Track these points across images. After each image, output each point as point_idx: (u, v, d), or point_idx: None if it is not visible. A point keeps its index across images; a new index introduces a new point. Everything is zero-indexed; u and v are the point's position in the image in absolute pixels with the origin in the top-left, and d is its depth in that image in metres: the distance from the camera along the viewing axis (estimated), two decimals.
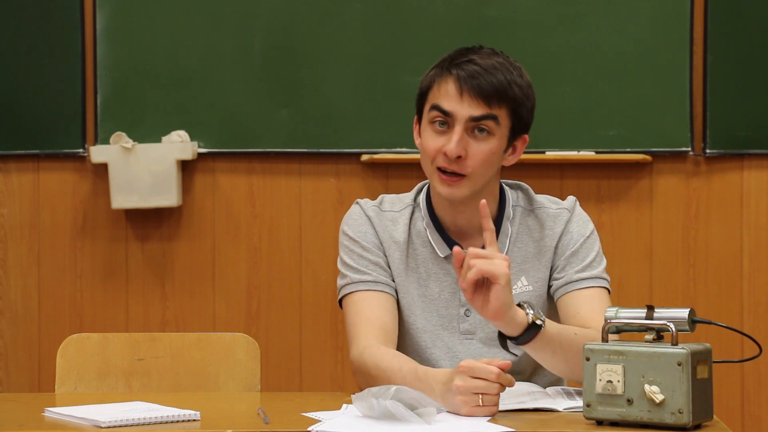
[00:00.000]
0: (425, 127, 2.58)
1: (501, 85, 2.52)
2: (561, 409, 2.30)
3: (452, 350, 2.60)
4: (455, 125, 2.53)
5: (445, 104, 2.54)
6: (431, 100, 2.57)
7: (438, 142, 2.55)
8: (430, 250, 2.63)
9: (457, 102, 2.53)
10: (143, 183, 4.55)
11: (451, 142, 2.52)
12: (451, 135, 2.53)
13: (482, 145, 2.54)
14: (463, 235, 2.63)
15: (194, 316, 4.66)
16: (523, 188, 2.69)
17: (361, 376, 2.53)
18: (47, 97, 4.65)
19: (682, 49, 4.48)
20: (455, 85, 2.53)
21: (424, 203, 2.66)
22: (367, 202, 2.69)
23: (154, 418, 2.20)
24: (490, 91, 2.52)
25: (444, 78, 2.55)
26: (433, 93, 2.57)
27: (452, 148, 2.52)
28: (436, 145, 2.55)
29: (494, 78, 2.52)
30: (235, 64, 4.60)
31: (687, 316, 2.16)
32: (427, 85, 2.59)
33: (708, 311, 4.49)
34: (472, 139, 2.54)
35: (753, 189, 4.54)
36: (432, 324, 2.61)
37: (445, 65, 2.57)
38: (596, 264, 2.61)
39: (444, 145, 2.53)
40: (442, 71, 2.57)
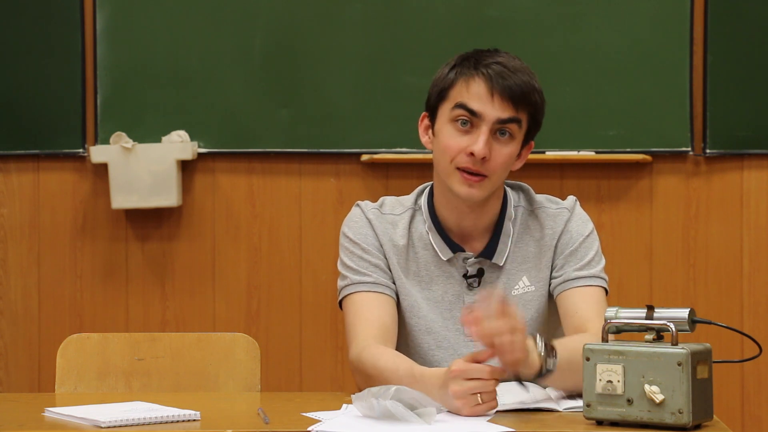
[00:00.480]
0: (445, 125, 2.56)
1: (527, 88, 2.52)
2: (561, 409, 2.30)
3: (457, 352, 2.60)
4: (482, 126, 2.52)
5: (474, 104, 2.52)
6: (456, 98, 2.54)
7: (461, 141, 2.53)
8: (432, 253, 2.63)
9: (488, 102, 2.51)
10: (143, 183, 4.55)
11: (479, 142, 2.51)
12: (477, 135, 2.51)
13: (504, 148, 2.54)
14: (466, 237, 2.63)
15: (194, 316, 4.66)
16: (524, 189, 2.69)
17: (359, 376, 2.53)
18: (47, 97, 4.65)
19: (682, 49, 4.48)
20: (486, 84, 2.51)
21: (425, 206, 2.66)
22: (368, 204, 2.69)
23: (154, 418, 2.20)
24: (518, 93, 2.51)
25: (471, 76, 2.53)
26: (458, 91, 2.54)
27: (481, 149, 2.50)
28: (459, 145, 2.53)
29: (521, 80, 2.52)
30: (235, 64, 4.60)
31: (687, 316, 2.16)
32: (449, 82, 2.56)
33: (708, 311, 4.49)
34: (495, 141, 2.53)
35: (753, 189, 4.54)
36: (437, 326, 2.61)
37: (470, 64, 2.54)
38: (594, 263, 2.61)
39: (468, 146, 2.51)
40: (467, 69, 2.54)
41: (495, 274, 2.62)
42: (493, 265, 2.61)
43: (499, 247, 2.61)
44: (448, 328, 2.61)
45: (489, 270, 2.61)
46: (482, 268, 2.61)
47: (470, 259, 2.61)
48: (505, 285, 2.61)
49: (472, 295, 2.60)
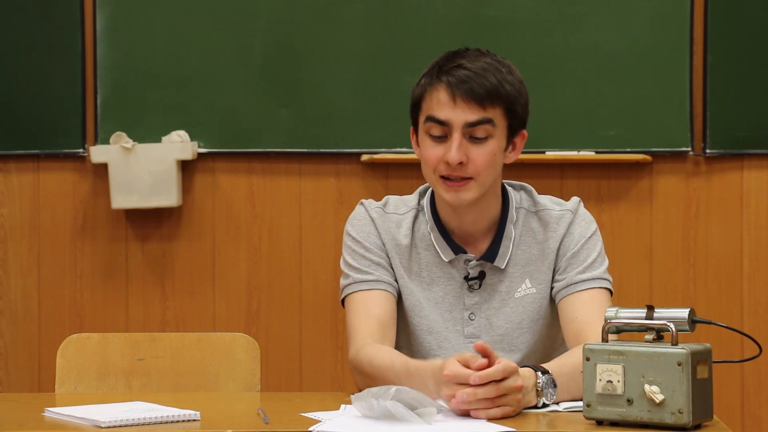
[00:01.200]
0: (423, 138, 2.57)
1: (493, 86, 2.51)
2: (561, 409, 2.30)
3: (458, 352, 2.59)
4: (453, 133, 2.52)
5: (440, 113, 2.53)
6: (425, 112, 2.56)
7: (438, 151, 2.54)
8: (434, 254, 2.63)
9: (451, 109, 2.52)
10: (143, 183, 4.55)
11: (452, 149, 2.52)
12: (450, 143, 2.52)
13: (482, 149, 2.53)
14: (468, 238, 2.63)
15: (194, 316, 4.66)
16: (527, 189, 2.69)
17: (358, 375, 2.53)
18: (47, 97, 4.65)
19: (682, 49, 4.48)
20: (447, 92, 2.52)
21: (428, 207, 2.66)
22: (371, 203, 2.69)
23: (154, 418, 2.20)
24: (482, 94, 2.51)
25: (435, 86, 2.54)
26: (426, 103, 2.55)
27: (453, 155, 2.51)
28: (436, 155, 2.54)
29: (485, 80, 2.51)
30: (235, 64, 4.60)
31: (687, 316, 2.16)
32: (419, 95, 2.58)
33: (708, 311, 4.49)
34: (472, 144, 2.53)
35: (753, 189, 4.54)
36: (438, 326, 2.61)
37: (434, 73, 2.55)
38: (597, 265, 2.61)
39: (444, 154, 2.53)
40: (432, 80, 2.55)
41: (496, 276, 2.61)
42: (495, 268, 2.61)
43: (501, 251, 2.61)
44: (448, 329, 2.61)
45: (490, 273, 2.61)
46: (483, 270, 2.61)
47: (472, 262, 2.61)
48: (507, 287, 2.61)
49: (472, 296, 2.60)
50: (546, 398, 2.30)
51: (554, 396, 2.32)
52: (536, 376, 2.30)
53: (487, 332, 2.59)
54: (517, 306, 2.60)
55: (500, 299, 2.60)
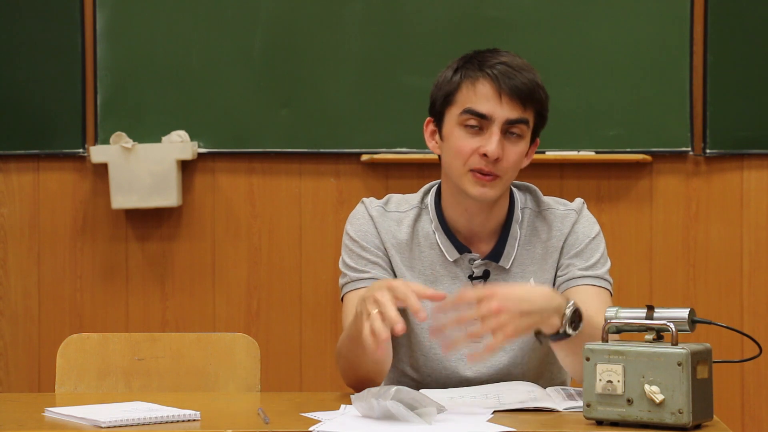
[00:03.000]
0: (454, 129, 2.55)
1: (532, 85, 2.53)
2: (561, 409, 2.30)
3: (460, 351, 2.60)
4: (492, 127, 2.52)
5: (483, 107, 2.52)
6: (463, 103, 2.53)
7: (473, 143, 2.53)
8: (438, 253, 2.63)
9: (496, 104, 2.51)
10: (143, 183, 4.55)
11: (492, 143, 2.51)
12: (488, 136, 2.51)
13: (515, 147, 2.54)
14: (474, 239, 2.62)
15: (194, 316, 4.66)
16: (531, 190, 2.69)
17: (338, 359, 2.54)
18: (47, 97, 4.65)
19: (682, 49, 4.48)
20: (492, 85, 2.51)
21: (432, 205, 2.65)
22: (372, 202, 2.69)
23: (154, 418, 2.20)
24: (525, 92, 2.52)
25: (476, 79, 2.53)
26: (465, 95, 2.54)
27: (494, 149, 2.50)
28: (471, 146, 2.53)
29: (526, 78, 2.53)
30: (235, 64, 4.60)
31: (687, 316, 2.16)
32: (455, 86, 2.55)
33: (708, 311, 4.49)
34: (506, 140, 2.54)
35: (753, 189, 4.54)
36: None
37: (474, 66, 2.54)
38: (600, 265, 2.61)
39: (481, 147, 2.52)
40: (472, 72, 2.54)
41: (501, 276, 2.61)
42: (499, 268, 2.61)
43: (506, 250, 2.61)
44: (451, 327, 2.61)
45: (495, 272, 2.61)
46: (488, 270, 2.61)
47: (477, 261, 2.61)
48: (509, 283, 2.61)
49: None
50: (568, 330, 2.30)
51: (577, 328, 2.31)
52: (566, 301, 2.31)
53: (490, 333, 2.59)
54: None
55: None
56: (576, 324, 2.32)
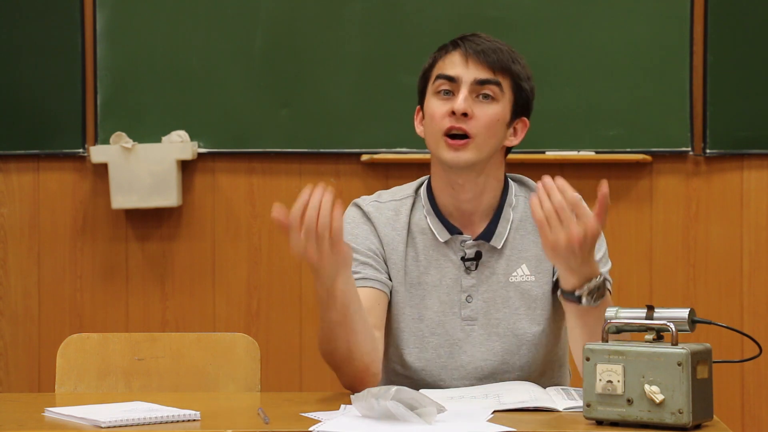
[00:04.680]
0: (430, 99, 2.62)
1: (505, 59, 2.61)
2: (561, 409, 2.30)
3: (453, 337, 2.60)
4: (461, 87, 2.59)
5: (450, 71, 2.60)
6: (435, 73, 2.62)
7: (444, 107, 2.59)
8: (430, 237, 2.63)
9: (463, 67, 2.60)
10: (143, 183, 4.55)
11: (458, 99, 2.57)
12: (458, 95, 2.58)
13: (487, 108, 2.59)
14: (466, 220, 2.63)
15: (194, 316, 4.66)
16: (526, 182, 2.71)
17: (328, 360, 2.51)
18: (47, 97, 4.65)
19: (682, 49, 4.48)
20: (461, 54, 2.61)
21: (425, 192, 2.68)
22: (365, 199, 2.71)
23: (154, 418, 2.20)
24: (493, 57, 2.60)
25: (448, 51, 2.63)
26: (437, 67, 2.63)
27: (460, 104, 2.56)
28: (442, 110, 2.59)
29: (500, 52, 2.61)
30: (235, 64, 4.60)
31: (687, 316, 2.16)
32: (431, 63, 2.66)
33: (708, 311, 4.49)
34: (477, 102, 2.59)
35: (753, 189, 4.54)
36: (432, 311, 2.61)
37: (449, 43, 2.65)
38: (601, 265, 2.61)
39: (451, 107, 2.57)
40: (445, 47, 2.65)
41: (493, 257, 2.61)
42: (492, 248, 2.61)
43: (498, 230, 2.62)
44: (444, 312, 2.61)
45: (487, 253, 2.61)
46: (480, 251, 2.61)
47: (468, 242, 2.61)
48: (503, 270, 2.61)
49: (469, 278, 2.60)
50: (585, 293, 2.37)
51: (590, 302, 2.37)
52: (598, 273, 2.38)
53: (484, 315, 2.59)
54: (515, 290, 2.60)
55: (497, 281, 2.60)
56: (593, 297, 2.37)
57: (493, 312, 2.60)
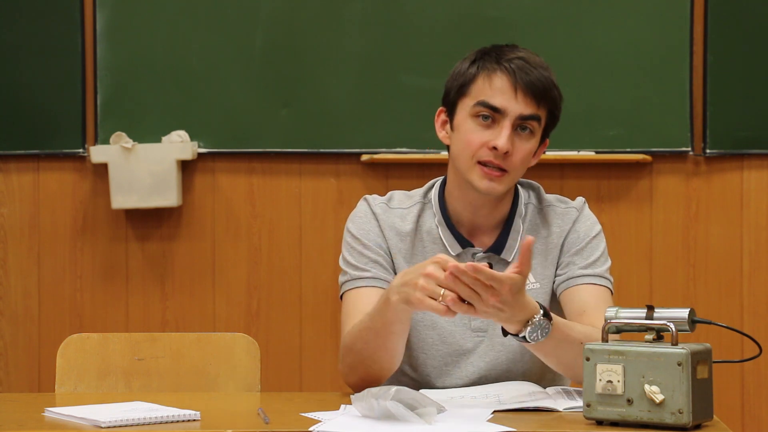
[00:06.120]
0: (466, 120, 2.56)
1: (548, 83, 2.57)
2: (561, 409, 2.30)
3: (462, 347, 2.60)
4: (504, 121, 2.53)
5: (497, 100, 2.53)
6: (478, 95, 2.55)
7: (483, 135, 2.54)
8: (441, 248, 2.62)
9: (511, 98, 2.53)
10: (143, 183, 4.55)
11: (502, 137, 2.52)
12: (499, 130, 2.53)
13: (525, 144, 2.56)
14: (476, 232, 2.63)
15: (194, 316, 4.66)
16: (534, 187, 2.70)
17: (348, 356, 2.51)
18: (47, 97, 4.65)
19: (682, 49, 4.48)
20: (509, 80, 2.53)
21: (436, 199, 2.66)
22: (376, 199, 2.69)
23: (154, 418, 2.20)
24: (540, 89, 2.54)
25: (492, 71, 2.55)
26: (480, 87, 2.55)
27: (504, 143, 2.51)
28: (481, 139, 2.54)
29: (542, 75, 2.56)
30: (235, 64, 4.60)
31: (687, 316, 2.16)
32: (471, 78, 2.56)
33: (708, 311, 4.49)
34: (516, 136, 2.55)
35: (753, 189, 4.54)
36: (443, 320, 2.60)
37: (492, 59, 2.56)
38: (600, 264, 2.61)
39: (491, 140, 2.52)
40: (489, 64, 2.55)
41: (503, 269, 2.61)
42: (502, 261, 2.61)
43: (509, 243, 2.61)
44: (454, 322, 2.61)
45: (497, 265, 2.61)
46: (491, 263, 2.61)
47: (479, 254, 2.61)
48: None
49: None
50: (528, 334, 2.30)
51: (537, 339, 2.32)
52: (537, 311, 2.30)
53: (494, 327, 2.59)
54: None
55: None
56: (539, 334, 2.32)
57: None
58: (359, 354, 2.48)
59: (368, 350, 2.46)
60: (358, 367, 2.49)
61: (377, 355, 2.46)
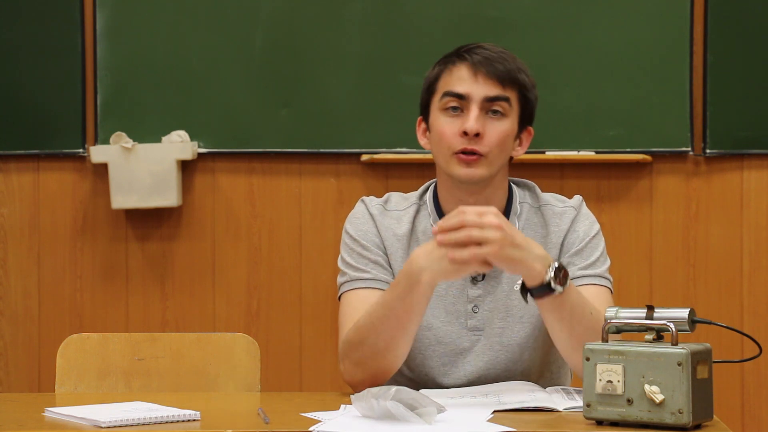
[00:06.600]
0: (437, 116, 2.60)
1: (512, 69, 2.58)
2: (561, 409, 2.30)
3: (459, 347, 2.60)
4: (471, 106, 2.56)
5: (459, 87, 2.57)
6: (442, 89, 2.59)
7: (454, 125, 2.57)
8: None
9: (472, 83, 2.57)
10: (143, 183, 4.55)
11: (470, 120, 2.55)
12: (468, 114, 2.56)
13: (497, 125, 2.57)
14: None
15: (194, 316, 4.66)
16: (530, 186, 2.70)
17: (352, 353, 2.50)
18: (47, 97, 4.65)
19: (682, 49, 4.48)
20: (469, 68, 2.57)
21: (431, 200, 2.67)
22: (372, 200, 2.70)
23: (154, 418, 2.20)
24: (503, 72, 2.56)
25: (455, 65, 2.60)
26: (444, 81, 2.60)
27: (472, 125, 2.54)
28: (452, 129, 2.57)
29: (506, 63, 2.58)
30: (235, 64, 4.60)
31: (687, 316, 2.16)
32: (435, 76, 2.62)
33: (708, 311, 4.49)
34: (487, 119, 2.57)
35: (753, 189, 4.54)
36: (439, 320, 2.61)
37: (453, 54, 2.61)
38: (599, 264, 2.61)
39: (461, 126, 2.56)
40: (450, 59, 2.61)
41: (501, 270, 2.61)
42: None
43: None
44: (450, 322, 2.61)
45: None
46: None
47: None
48: (508, 280, 2.61)
49: (475, 289, 2.60)
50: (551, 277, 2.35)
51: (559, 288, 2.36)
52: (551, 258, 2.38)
53: (490, 325, 2.59)
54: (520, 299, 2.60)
55: (502, 291, 2.60)
56: (561, 280, 2.36)
57: (498, 321, 2.60)
58: (372, 347, 2.47)
59: (384, 340, 2.46)
60: (368, 362, 2.49)
61: (395, 342, 2.46)
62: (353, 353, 2.51)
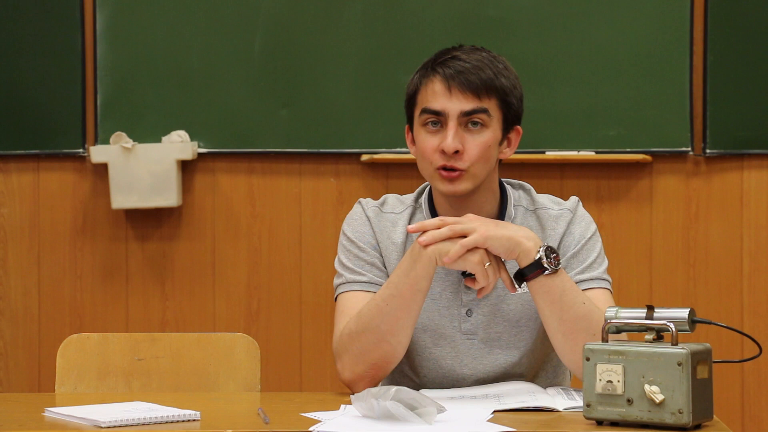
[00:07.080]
0: (418, 131, 2.60)
1: (488, 78, 2.55)
2: (561, 409, 2.30)
3: (455, 349, 2.60)
4: (448, 122, 2.55)
5: (435, 104, 2.55)
6: (420, 104, 2.58)
7: (433, 141, 2.56)
8: None
9: (447, 99, 2.54)
10: (143, 183, 4.55)
11: (448, 138, 2.54)
12: (446, 131, 2.55)
13: (477, 138, 2.55)
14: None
15: (194, 316, 4.66)
16: (525, 188, 2.69)
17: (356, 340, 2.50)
18: (47, 97, 4.65)
19: (682, 49, 4.48)
20: (442, 83, 2.55)
21: (426, 203, 2.67)
22: (369, 202, 2.70)
23: (154, 418, 2.20)
24: (478, 84, 2.54)
25: (429, 79, 2.58)
26: (421, 96, 2.59)
27: (449, 143, 2.53)
28: (432, 145, 2.56)
29: (481, 72, 2.55)
30: (235, 64, 4.60)
31: (687, 316, 2.16)
32: (413, 89, 2.61)
33: (708, 311, 4.49)
34: (467, 133, 2.55)
35: (753, 189, 4.54)
36: (434, 323, 2.61)
37: (429, 66, 2.59)
38: (597, 265, 2.61)
39: (440, 143, 2.54)
40: (426, 72, 2.59)
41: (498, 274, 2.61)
42: None
43: None
44: (445, 325, 2.61)
45: None
46: None
47: None
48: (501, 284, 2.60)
49: (470, 292, 2.60)
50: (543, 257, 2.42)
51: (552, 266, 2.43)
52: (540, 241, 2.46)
53: (484, 329, 2.59)
54: (516, 303, 2.60)
55: (497, 295, 2.60)
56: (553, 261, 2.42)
57: (493, 326, 2.60)
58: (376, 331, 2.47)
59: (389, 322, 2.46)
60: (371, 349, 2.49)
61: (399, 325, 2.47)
62: (353, 344, 2.51)
